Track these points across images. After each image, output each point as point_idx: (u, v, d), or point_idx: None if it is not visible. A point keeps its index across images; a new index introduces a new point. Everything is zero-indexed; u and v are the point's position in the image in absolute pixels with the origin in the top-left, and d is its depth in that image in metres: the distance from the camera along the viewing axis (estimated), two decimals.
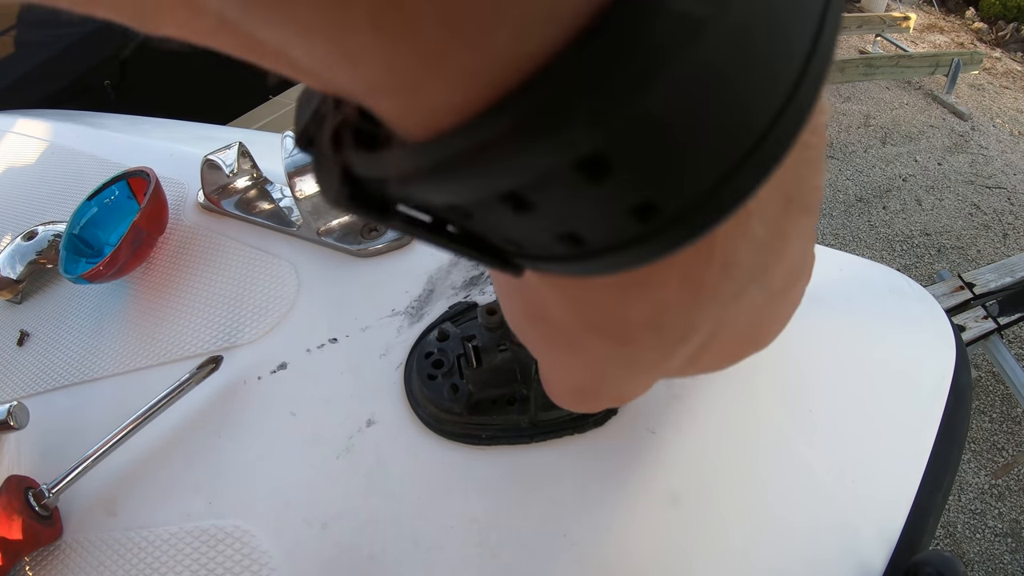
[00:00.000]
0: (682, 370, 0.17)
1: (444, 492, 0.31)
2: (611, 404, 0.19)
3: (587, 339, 0.14)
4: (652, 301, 0.12)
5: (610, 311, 0.13)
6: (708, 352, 0.16)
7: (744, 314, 0.15)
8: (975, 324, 1.63)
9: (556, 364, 0.17)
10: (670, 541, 0.28)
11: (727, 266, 0.12)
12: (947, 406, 0.36)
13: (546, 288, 0.14)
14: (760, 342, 0.18)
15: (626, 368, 0.15)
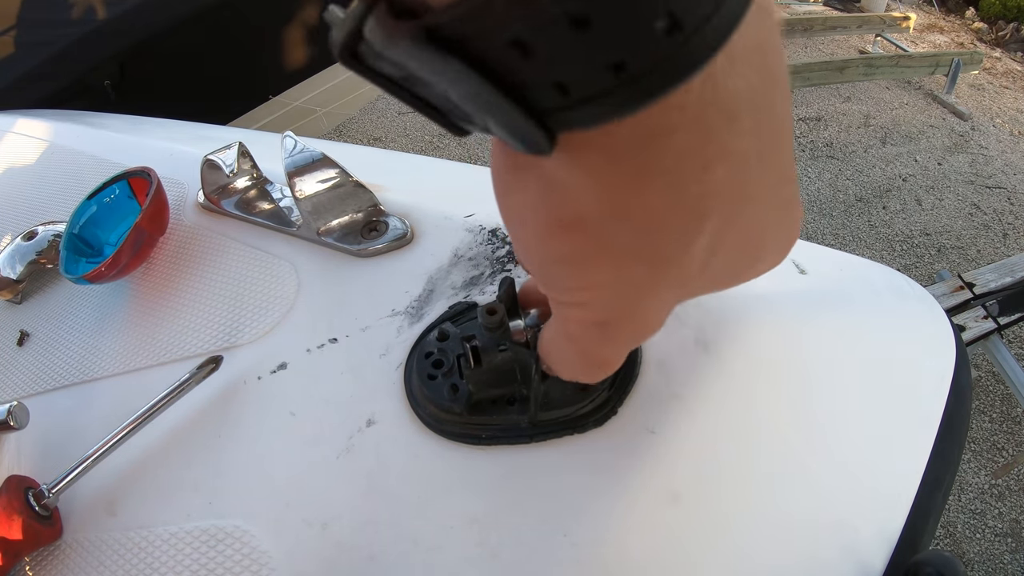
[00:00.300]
0: (699, 277, 0.17)
1: (444, 492, 0.31)
2: (631, 340, 0.19)
3: (614, 229, 0.15)
4: (673, 166, 0.14)
5: (633, 193, 0.14)
6: (720, 253, 0.17)
7: (748, 212, 0.16)
8: (975, 324, 1.63)
9: (578, 294, 0.18)
10: (670, 541, 0.28)
11: (731, 118, 0.14)
12: (947, 406, 0.36)
13: (576, 178, 0.15)
14: (765, 253, 0.19)
15: (651, 268, 0.16)
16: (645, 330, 0.19)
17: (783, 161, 0.17)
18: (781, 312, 0.35)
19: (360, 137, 3.54)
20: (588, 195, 0.15)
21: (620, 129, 0.13)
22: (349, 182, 0.44)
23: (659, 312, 0.19)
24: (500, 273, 0.39)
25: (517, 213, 0.17)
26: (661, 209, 0.15)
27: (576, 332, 0.20)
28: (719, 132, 0.14)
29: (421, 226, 0.44)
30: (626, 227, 0.15)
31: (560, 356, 0.23)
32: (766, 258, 0.19)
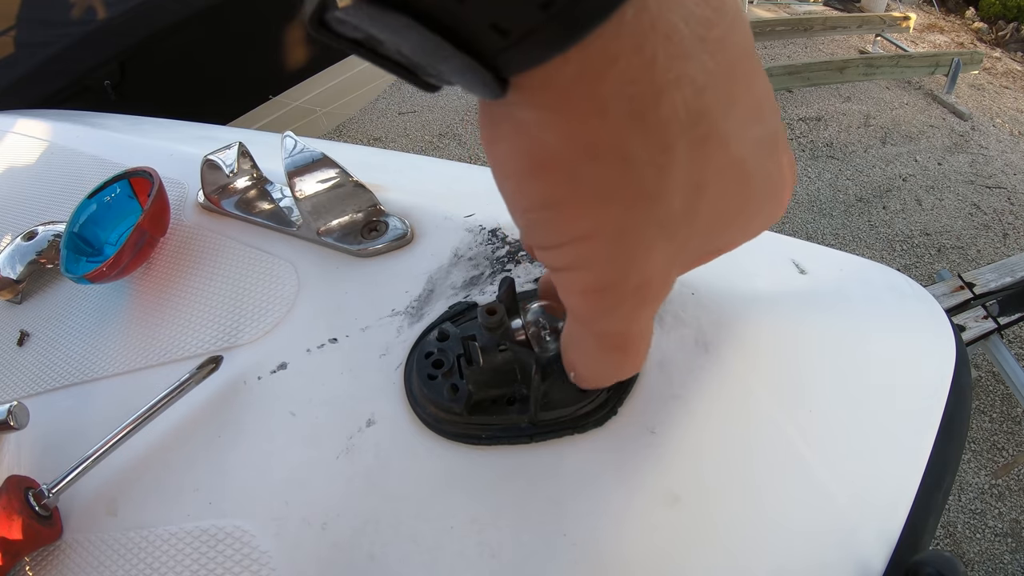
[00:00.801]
0: (687, 222, 0.17)
1: (444, 492, 0.31)
2: (637, 304, 0.19)
3: (582, 169, 0.16)
4: (624, 94, 0.14)
5: (592, 126, 0.15)
6: (704, 196, 0.17)
7: (721, 148, 0.16)
8: (975, 324, 1.63)
9: (566, 252, 0.18)
10: (670, 541, 0.28)
11: (673, 44, 0.14)
12: (947, 406, 0.36)
13: (538, 118, 0.15)
14: (755, 199, 0.18)
15: (628, 208, 0.16)
16: (648, 290, 0.18)
17: (752, 98, 0.17)
18: (781, 312, 0.35)
19: (360, 137, 3.54)
20: (551, 133, 0.15)
21: (566, 65, 0.14)
22: (349, 182, 0.44)
23: (658, 267, 0.18)
24: (500, 273, 0.39)
25: (499, 166, 0.18)
26: (622, 140, 0.15)
27: (581, 308, 0.19)
28: (663, 59, 0.14)
29: (421, 226, 0.44)
30: (593, 164, 0.16)
31: (580, 352, 0.22)
32: (759, 208, 0.19)
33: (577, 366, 0.23)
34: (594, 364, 0.22)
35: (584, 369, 0.23)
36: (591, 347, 0.21)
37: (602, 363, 0.22)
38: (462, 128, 3.50)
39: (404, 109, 3.80)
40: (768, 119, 0.18)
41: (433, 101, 3.80)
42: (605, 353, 0.21)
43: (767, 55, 4.00)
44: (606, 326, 0.20)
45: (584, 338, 0.21)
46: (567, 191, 0.16)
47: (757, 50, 0.17)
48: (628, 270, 0.18)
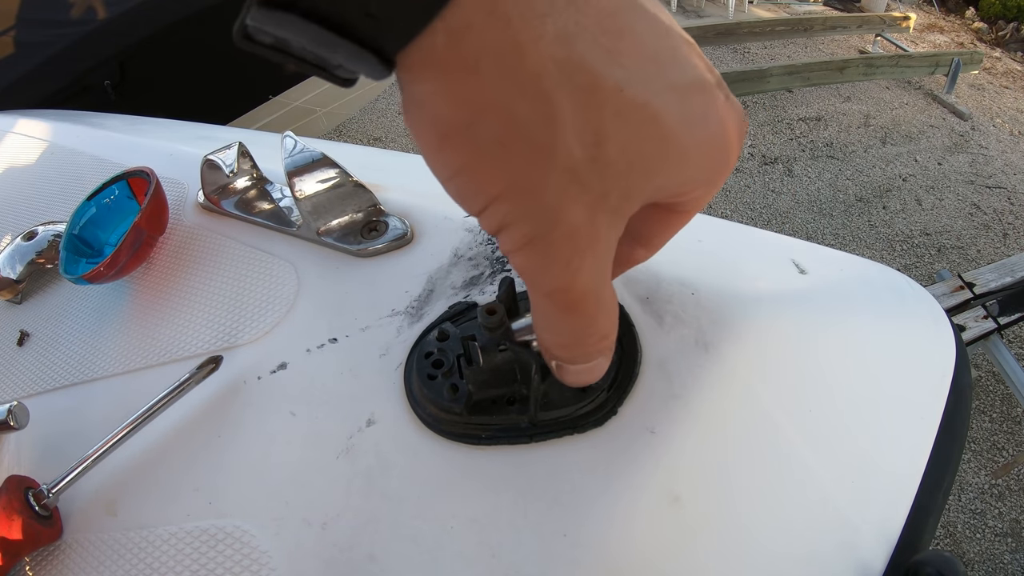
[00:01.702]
0: (595, 168, 0.18)
1: (444, 492, 0.31)
2: (572, 254, 0.19)
3: (478, 130, 0.17)
4: (489, 53, 0.16)
5: (472, 89, 0.17)
6: (609, 141, 0.17)
7: (616, 95, 0.17)
8: (975, 324, 1.63)
9: (492, 214, 0.19)
10: (670, 541, 0.28)
11: (525, 7, 0.16)
12: (947, 406, 0.36)
13: (429, 92, 0.17)
14: (676, 142, 0.19)
15: (529, 160, 0.17)
16: (577, 239, 0.19)
17: (646, 47, 0.18)
18: (781, 312, 0.35)
19: (360, 137, 3.53)
20: (441, 102, 0.17)
21: (435, 36, 0.16)
22: (349, 182, 0.44)
23: (580, 215, 0.18)
24: (500, 273, 0.39)
25: (418, 144, 0.19)
26: (500, 97, 0.16)
27: (522, 268, 0.20)
28: (518, 19, 0.16)
29: (421, 226, 0.44)
30: (483, 124, 0.17)
31: (542, 323, 0.22)
32: (685, 151, 0.19)
33: (544, 341, 0.23)
34: (555, 333, 0.22)
35: (549, 341, 0.23)
36: (547, 313, 0.21)
37: (561, 329, 0.22)
38: None
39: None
40: (684, 66, 0.18)
41: None
42: (560, 315, 0.21)
43: (767, 55, 4.00)
44: (549, 282, 0.20)
45: (539, 306, 0.22)
46: (469, 154, 0.18)
47: (756, 50, 0.18)
48: (548, 220, 0.18)
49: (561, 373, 0.25)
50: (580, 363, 0.23)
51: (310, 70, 0.18)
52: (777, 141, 3.18)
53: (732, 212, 2.77)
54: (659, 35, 0.18)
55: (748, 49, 4.05)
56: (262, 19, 0.15)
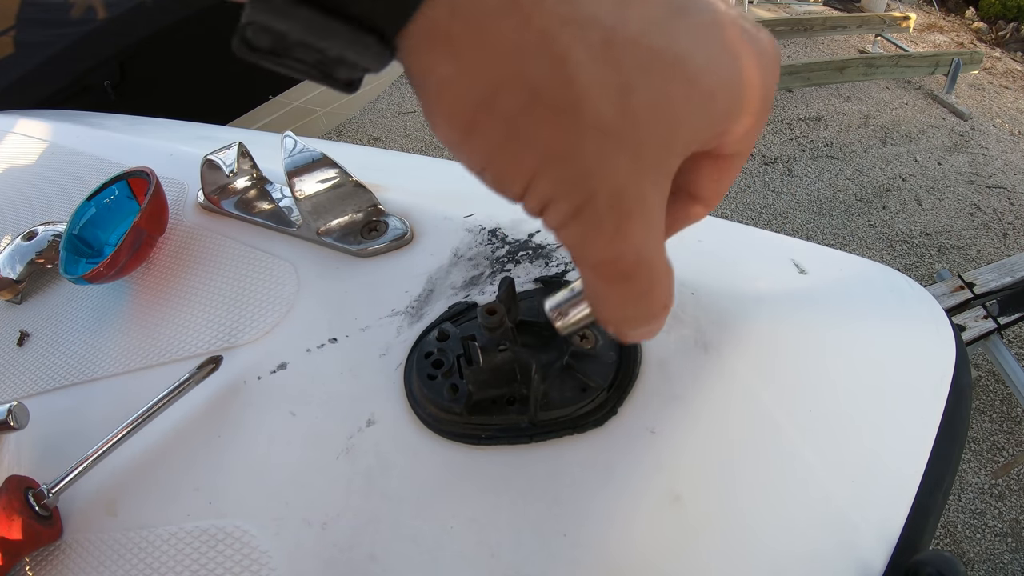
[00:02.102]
0: (626, 120, 0.17)
1: (444, 492, 0.31)
2: (621, 217, 0.18)
3: (498, 100, 0.17)
4: (495, 19, 0.16)
5: (483, 50, 0.16)
6: (637, 94, 0.17)
7: (630, 41, 0.17)
8: (975, 324, 1.63)
9: (535, 191, 0.18)
10: (670, 541, 0.28)
11: None
12: (947, 406, 0.36)
13: (443, 68, 0.17)
14: (697, 78, 0.18)
15: (556, 122, 0.17)
16: (624, 201, 0.18)
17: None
18: (781, 312, 0.35)
19: (360, 137, 3.53)
20: (457, 85, 0.17)
21: (436, 9, 0.15)
22: (349, 182, 0.44)
23: (622, 174, 0.18)
24: (500, 273, 0.39)
25: (450, 144, 0.19)
26: (516, 64, 0.16)
27: (571, 243, 0.19)
28: None
29: (421, 226, 0.44)
30: (505, 96, 0.16)
31: (597, 298, 0.21)
32: (712, 88, 0.18)
33: (602, 314, 0.22)
34: (612, 306, 0.21)
35: (608, 314, 0.22)
36: (601, 288, 0.21)
37: (617, 302, 0.21)
38: None
39: (404, 109, 3.80)
40: (697, 5, 0.18)
41: None
42: (612, 287, 0.20)
43: None
44: (600, 252, 0.19)
45: (592, 282, 0.21)
46: (497, 134, 0.17)
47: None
48: (591, 186, 0.18)
49: (620, 336, 0.24)
50: (641, 327, 0.22)
51: (310, 73, 0.17)
52: (777, 141, 3.17)
53: (732, 212, 2.77)
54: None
55: None
56: (259, 10, 0.15)
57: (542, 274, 0.38)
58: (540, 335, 0.35)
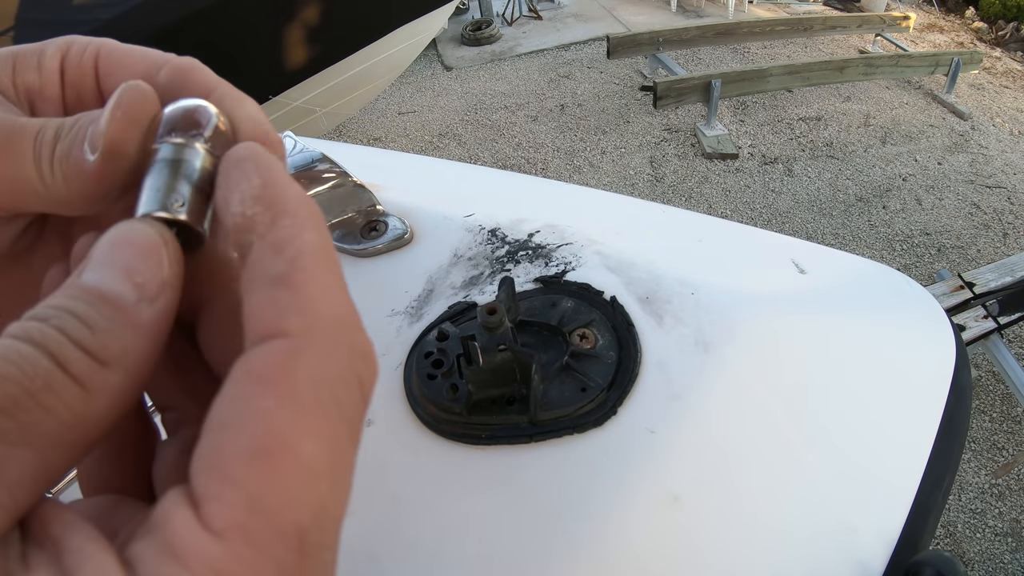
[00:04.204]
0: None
1: (444, 492, 0.31)
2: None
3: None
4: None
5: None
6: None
7: None
8: (975, 323, 1.63)
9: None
10: (669, 541, 0.28)
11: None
12: (947, 405, 0.36)
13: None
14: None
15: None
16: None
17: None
18: (781, 312, 0.35)
19: (360, 137, 3.53)
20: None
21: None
22: (349, 182, 0.44)
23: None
24: (499, 273, 0.39)
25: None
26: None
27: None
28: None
29: (421, 226, 0.44)
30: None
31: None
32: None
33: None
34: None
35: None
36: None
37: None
38: (462, 128, 3.50)
39: (404, 109, 3.80)
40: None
41: (433, 102, 3.80)
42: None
43: (767, 55, 4.00)
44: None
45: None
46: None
47: (756, 50, 0.15)
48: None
49: None
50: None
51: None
52: (777, 141, 3.18)
53: (732, 212, 2.77)
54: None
55: (748, 49, 4.05)
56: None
57: (542, 274, 0.38)
58: (540, 335, 0.35)
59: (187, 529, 0.12)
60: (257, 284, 0.14)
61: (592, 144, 3.24)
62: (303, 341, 0.13)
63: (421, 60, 4.05)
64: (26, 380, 0.12)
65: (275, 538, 0.12)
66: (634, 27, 4.27)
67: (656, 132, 3.28)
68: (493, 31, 4.43)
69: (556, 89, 3.77)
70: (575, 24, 4.58)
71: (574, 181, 2.94)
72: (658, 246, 0.41)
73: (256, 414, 0.12)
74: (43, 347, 0.12)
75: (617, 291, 0.36)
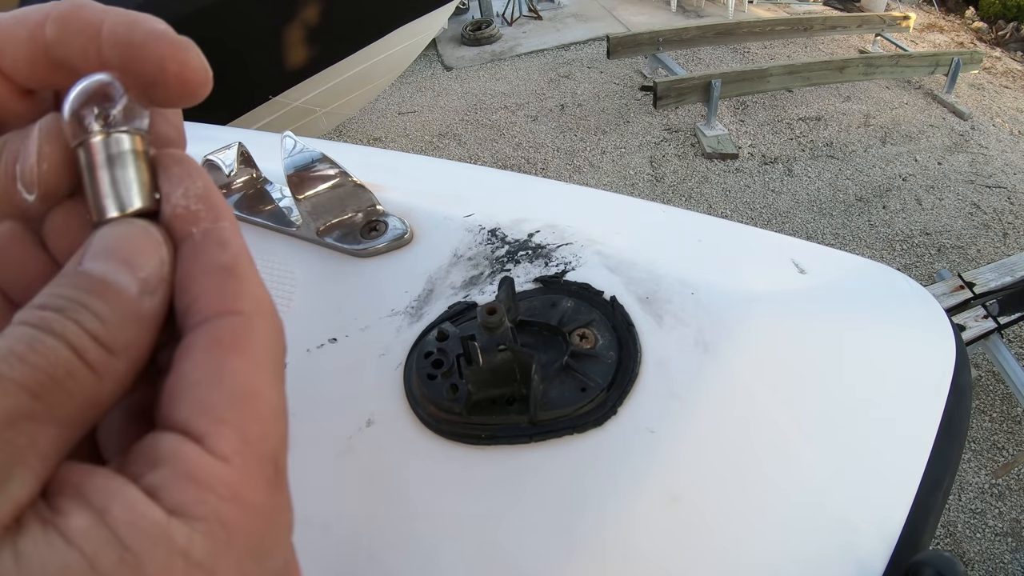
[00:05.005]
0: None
1: (444, 492, 0.31)
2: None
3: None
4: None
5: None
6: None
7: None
8: (975, 323, 1.63)
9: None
10: (669, 541, 0.28)
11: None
12: (947, 405, 0.36)
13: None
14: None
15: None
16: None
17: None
18: (781, 312, 0.35)
19: (360, 137, 3.54)
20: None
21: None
22: (349, 182, 0.44)
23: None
24: (499, 273, 0.39)
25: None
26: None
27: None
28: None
29: (421, 226, 0.44)
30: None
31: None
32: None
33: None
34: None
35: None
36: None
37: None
38: (462, 128, 3.50)
39: (404, 109, 3.80)
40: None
41: (433, 102, 3.80)
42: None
43: (767, 55, 4.00)
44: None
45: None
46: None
47: (756, 50, 0.15)
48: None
49: None
50: None
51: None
52: (777, 141, 3.18)
53: (732, 212, 2.77)
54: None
55: (748, 49, 4.05)
56: None
57: (542, 274, 0.38)
58: (540, 335, 0.35)
59: (200, 457, 0.14)
60: (207, 269, 0.17)
61: (592, 144, 3.24)
62: (255, 319, 0.16)
63: (421, 60, 4.05)
64: (51, 368, 0.14)
65: (262, 461, 0.15)
66: (634, 27, 4.27)
67: (656, 132, 3.28)
68: (493, 31, 4.43)
69: (556, 89, 3.77)
70: (575, 24, 4.58)
71: (574, 181, 2.94)
72: (658, 246, 0.41)
73: (231, 371, 0.15)
74: (64, 339, 0.14)
75: (617, 291, 0.36)
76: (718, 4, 4.71)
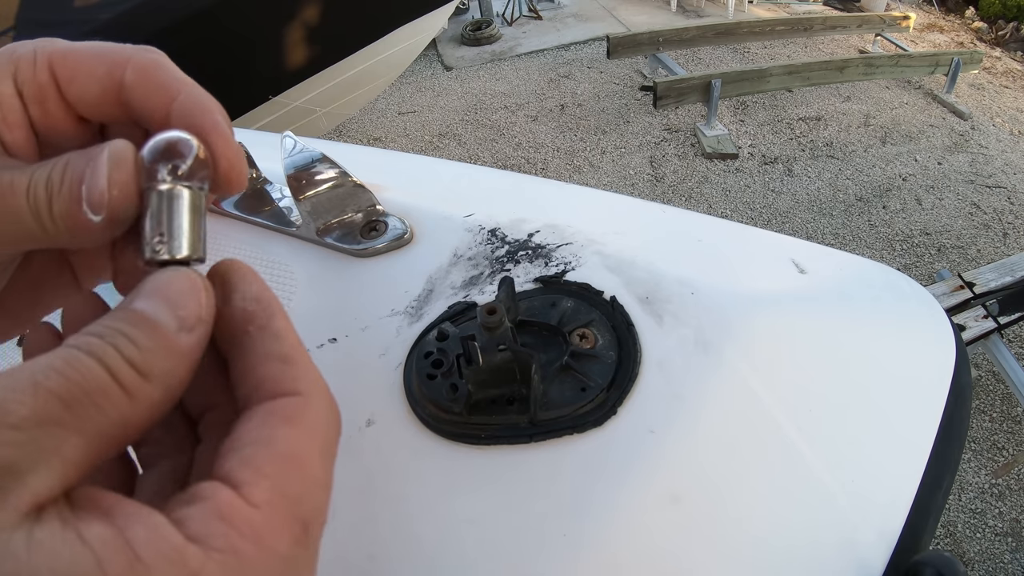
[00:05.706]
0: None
1: (444, 492, 0.31)
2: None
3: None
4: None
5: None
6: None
7: None
8: (975, 323, 1.63)
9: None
10: (669, 541, 0.28)
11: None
12: (947, 406, 0.36)
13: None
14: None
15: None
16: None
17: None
18: (781, 312, 0.35)
19: (360, 137, 3.54)
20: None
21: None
22: (349, 182, 0.44)
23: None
24: (499, 273, 0.39)
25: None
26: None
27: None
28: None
29: (421, 226, 0.44)
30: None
31: None
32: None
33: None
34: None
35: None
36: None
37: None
38: (462, 128, 3.51)
39: (404, 109, 3.80)
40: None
41: (433, 102, 3.80)
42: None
43: (767, 55, 4.00)
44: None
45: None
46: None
47: (756, 50, 0.16)
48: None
49: None
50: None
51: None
52: (777, 141, 3.18)
53: (732, 212, 2.77)
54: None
55: (748, 49, 4.05)
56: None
57: (542, 274, 0.38)
58: (540, 335, 0.35)
59: (232, 499, 0.15)
60: (268, 358, 0.19)
61: (592, 144, 3.24)
62: (312, 398, 0.19)
63: (421, 60, 4.05)
64: (85, 383, 0.15)
65: (292, 518, 0.16)
66: (634, 27, 4.27)
67: (656, 132, 3.28)
68: (493, 31, 4.43)
69: (556, 89, 3.77)
70: (575, 24, 4.58)
71: (574, 181, 2.94)
72: (658, 246, 0.41)
73: (282, 437, 0.17)
74: (100, 359, 0.15)
75: (617, 291, 0.36)
76: (718, 4, 4.71)
